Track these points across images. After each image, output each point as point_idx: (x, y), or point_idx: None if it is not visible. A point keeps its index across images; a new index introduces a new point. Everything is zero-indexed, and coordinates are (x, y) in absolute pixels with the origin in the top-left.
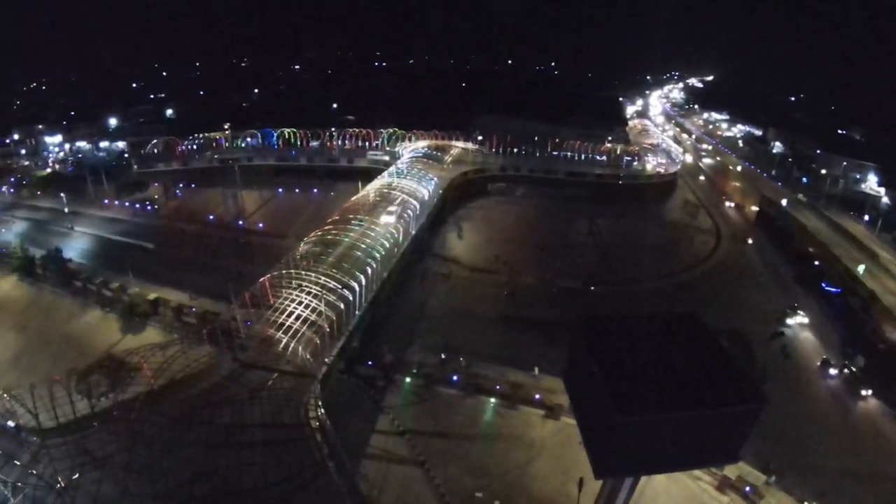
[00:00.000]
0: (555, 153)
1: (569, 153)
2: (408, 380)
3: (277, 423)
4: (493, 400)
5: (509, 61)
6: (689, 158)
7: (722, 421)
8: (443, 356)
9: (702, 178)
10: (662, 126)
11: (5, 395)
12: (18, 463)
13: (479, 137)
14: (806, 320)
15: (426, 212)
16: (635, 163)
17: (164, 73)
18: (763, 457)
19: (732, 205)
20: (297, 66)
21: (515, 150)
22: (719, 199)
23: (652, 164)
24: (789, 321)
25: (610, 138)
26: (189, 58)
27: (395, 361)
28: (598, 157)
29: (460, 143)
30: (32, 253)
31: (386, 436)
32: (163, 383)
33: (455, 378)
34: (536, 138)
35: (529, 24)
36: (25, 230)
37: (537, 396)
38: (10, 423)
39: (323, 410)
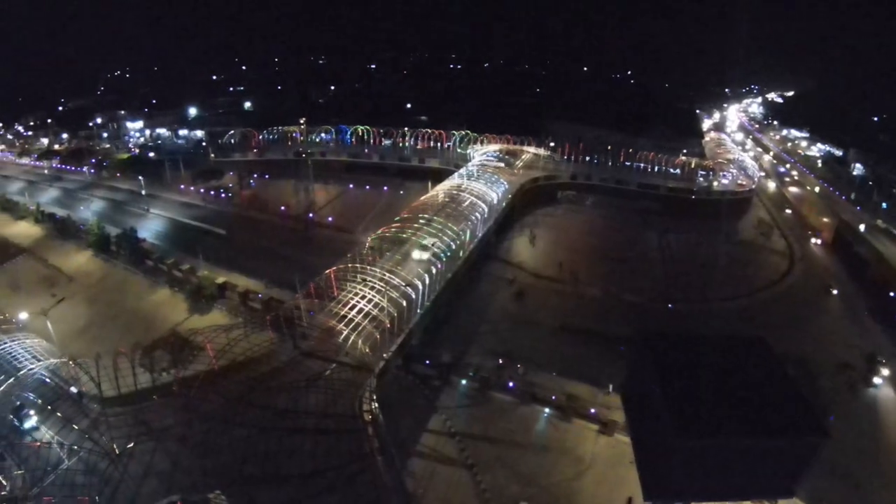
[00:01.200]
0: (627, 164)
1: (642, 164)
2: (463, 382)
3: (331, 412)
4: (547, 410)
5: (585, 68)
6: (765, 176)
7: (782, 452)
8: (500, 361)
9: (778, 197)
10: (739, 141)
11: (71, 362)
12: (77, 427)
13: (552, 144)
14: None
15: (494, 216)
16: (710, 177)
17: (244, 68)
18: (819, 495)
19: (808, 228)
20: (373, 66)
21: (587, 158)
22: (795, 221)
23: (727, 179)
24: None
25: (685, 151)
26: (268, 53)
27: (453, 363)
28: (671, 170)
29: (532, 149)
30: (108, 231)
31: (437, 436)
32: (223, 364)
33: (511, 384)
34: (609, 147)
35: (609, 31)
36: (103, 209)
37: (592, 411)
38: (73, 389)
39: (377, 405)
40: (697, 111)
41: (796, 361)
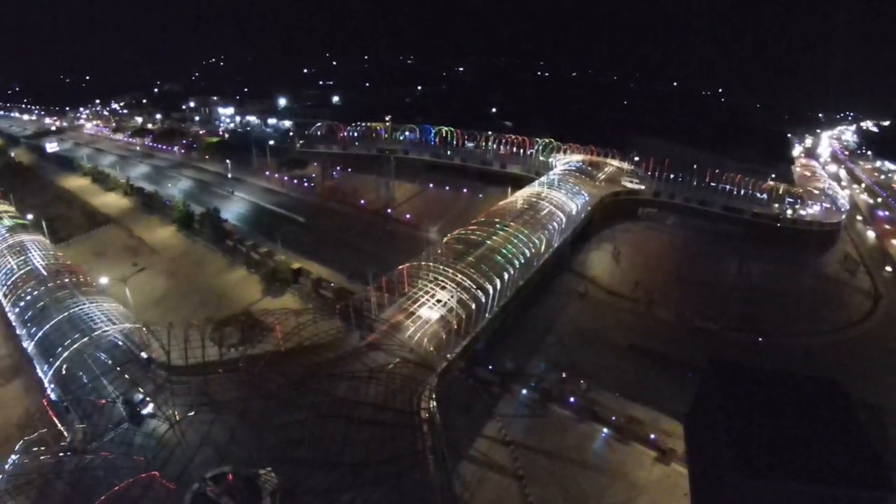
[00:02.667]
0: (712, 184)
1: (727, 186)
2: (524, 391)
3: (389, 406)
4: (605, 430)
5: (675, 83)
6: (854, 209)
7: (842, 503)
8: (564, 375)
9: (868, 232)
10: (830, 170)
11: (144, 329)
12: (142, 391)
13: (636, 158)
14: None
15: (571, 227)
16: (797, 206)
17: (335, 63)
18: None
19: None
20: (460, 69)
21: (671, 175)
22: (882, 258)
23: (815, 209)
24: None
25: (773, 176)
26: (359, 50)
27: (516, 371)
28: (757, 195)
29: (615, 162)
30: (193, 209)
31: (490, 442)
32: (290, 347)
33: (572, 400)
34: (695, 166)
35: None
36: (189, 188)
37: (652, 436)
38: (143, 355)
39: (435, 404)
40: (788, 135)
41: (870, 408)
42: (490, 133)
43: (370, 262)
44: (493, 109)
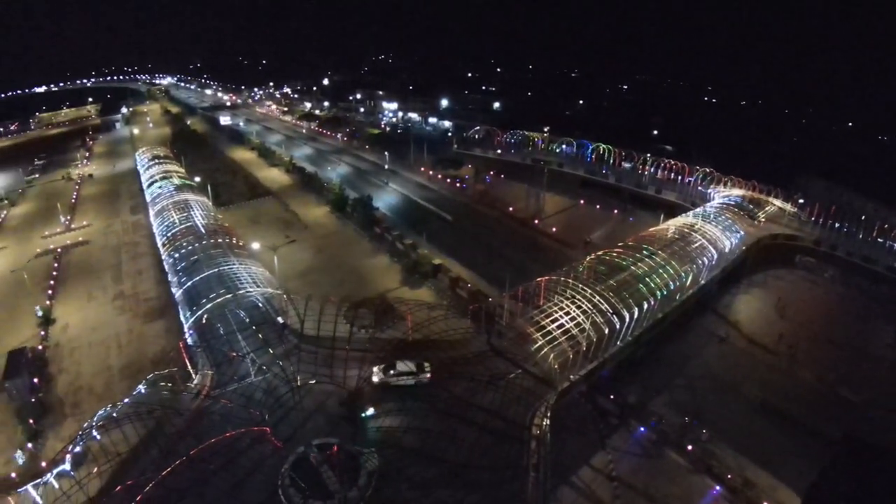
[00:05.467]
0: (879, 240)
1: None
2: (641, 429)
3: (502, 415)
4: (717, 487)
5: (850, 123)
6: None
7: None
8: (686, 420)
9: None
10: None
11: (285, 296)
12: (272, 352)
13: (801, 200)
14: None
15: (722, 265)
16: None
17: (499, 69)
18: None
19: None
20: (624, 86)
21: (836, 224)
22: None
23: None
24: None
25: None
26: (524, 59)
27: (637, 405)
28: None
29: (777, 202)
30: (348, 193)
31: (596, 474)
32: (417, 338)
33: (690, 448)
34: (863, 217)
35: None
36: (347, 174)
37: None
38: (280, 320)
39: (548, 422)
40: None
41: None
42: (649, 155)
43: (509, 270)
44: (655, 132)
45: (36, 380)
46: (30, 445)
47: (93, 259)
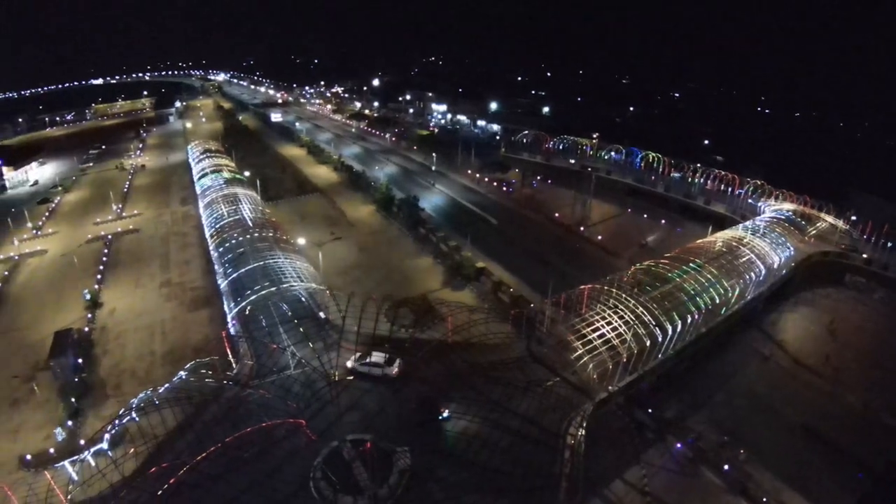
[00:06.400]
0: None
1: None
2: (678, 445)
3: (537, 422)
4: None
5: None
6: None
7: None
8: (725, 439)
9: None
10: None
11: (328, 291)
12: (312, 346)
13: (853, 218)
14: None
15: (769, 281)
16: None
17: (549, 74)
18: None
19: None
20: (676, 94)
21: (889, 244)
22: None
23: None
24: None
25: None
26: (575, 64)
27: (675, 421)
28: None
29: (829, 218)
30: (394, 193)
31: (629, 488)
32: (457, 340)
33: (726, 467)
34: None
35: None
36: (394, 173)
37: None
38: (321, 315)
39: (584, 432)
40: None
41: None
42: (699, 165)
43: (552, 276)
44: (706, 141)
45: (80, 360)
46: (70, 423)
47: (142, 247)
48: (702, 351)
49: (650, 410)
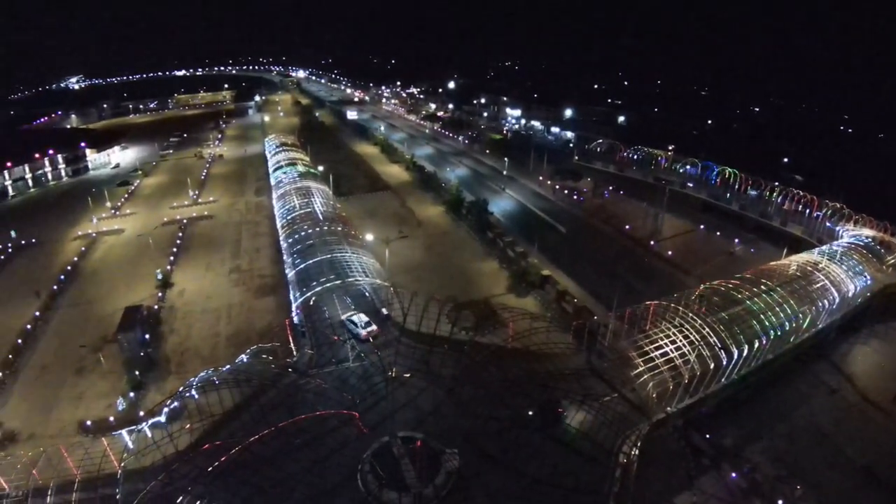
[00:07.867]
0: None
1: None
2: (733, 475)
3: (591, 437)
4: None
5: None
6: None
7: None
8: (784, 474)
9: None
10: None
11: (392, 289)
12: (372, 340)
13: None
14: None
15: (843, 310)
16: None
17: (626, 83)
18: None
19: None
20: (756, 108)
21: None
22: None
23: None
24: None
25: None
26: (653, 74)
27: (732, 449)
28: None
29: None
30: (464, 195)
31: None
32: (516, 346)
33: (780, 502)
34: None
35: None
36: (465, 176)
37: None
38: (384, 311)
39: (637, 452)
40: None
41: None
42: (776, 184)
43: (618, 289)
44: (785, 159)
45: (147, 336)
46: (132, 395)
47: (215, 233)
48: (767, 378)
49: (708, 436)
